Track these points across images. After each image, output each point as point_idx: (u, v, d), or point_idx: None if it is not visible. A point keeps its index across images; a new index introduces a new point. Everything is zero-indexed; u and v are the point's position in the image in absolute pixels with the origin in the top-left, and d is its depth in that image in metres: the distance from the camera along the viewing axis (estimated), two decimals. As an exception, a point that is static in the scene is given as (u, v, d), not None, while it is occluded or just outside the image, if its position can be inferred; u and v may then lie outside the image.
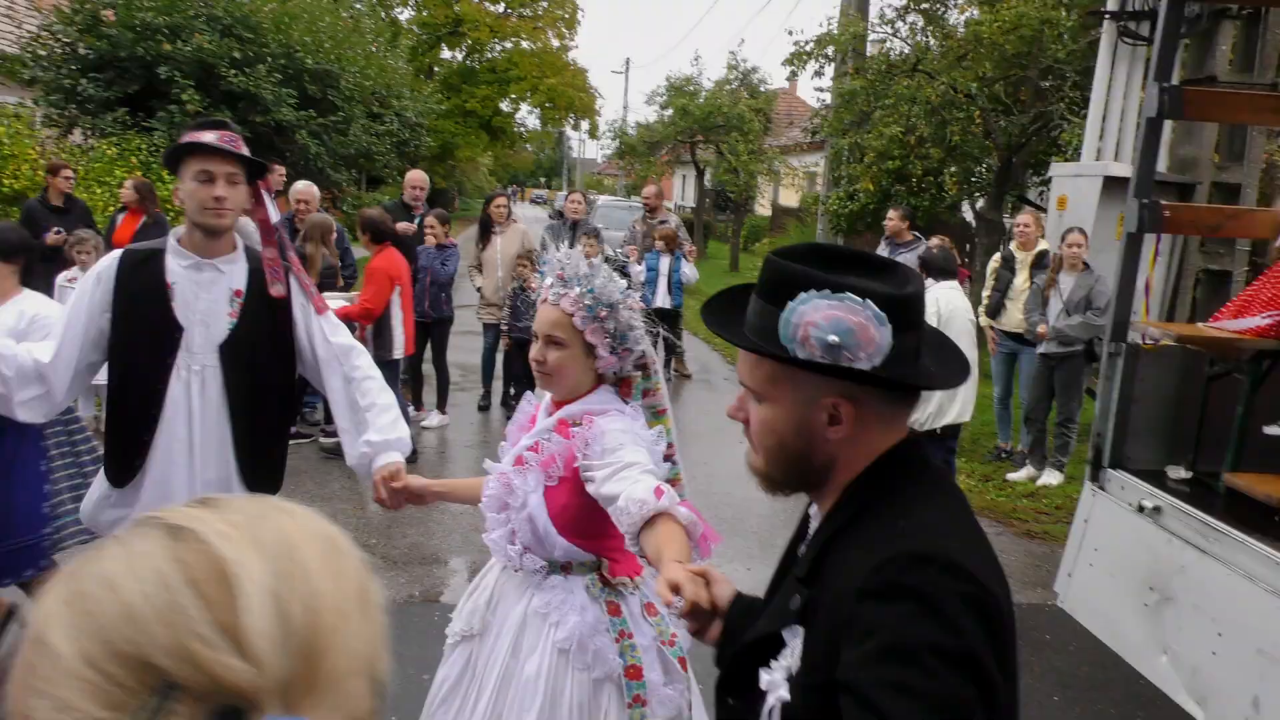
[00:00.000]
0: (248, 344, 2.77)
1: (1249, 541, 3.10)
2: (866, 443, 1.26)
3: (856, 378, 1.20)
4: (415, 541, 5.58)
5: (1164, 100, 3.62)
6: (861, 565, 1.13)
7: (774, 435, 1.28)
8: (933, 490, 1.26)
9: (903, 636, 1.04)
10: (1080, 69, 10.62)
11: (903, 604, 1.07)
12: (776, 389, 1.27)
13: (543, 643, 2.24)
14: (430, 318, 7.98)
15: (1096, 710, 4.14)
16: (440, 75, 35.19)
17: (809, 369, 1.21)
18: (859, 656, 1.06)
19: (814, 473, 1.29)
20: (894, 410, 1.28)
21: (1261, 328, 3.54)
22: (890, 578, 1.09)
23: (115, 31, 13.22)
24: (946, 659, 1.03)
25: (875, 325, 1.19)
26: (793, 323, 1.19)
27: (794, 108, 34.66)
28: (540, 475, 2.23)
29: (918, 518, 1.18)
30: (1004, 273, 7.65)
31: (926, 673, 1.02)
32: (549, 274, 2.26)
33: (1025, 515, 6.66)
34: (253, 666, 0.57)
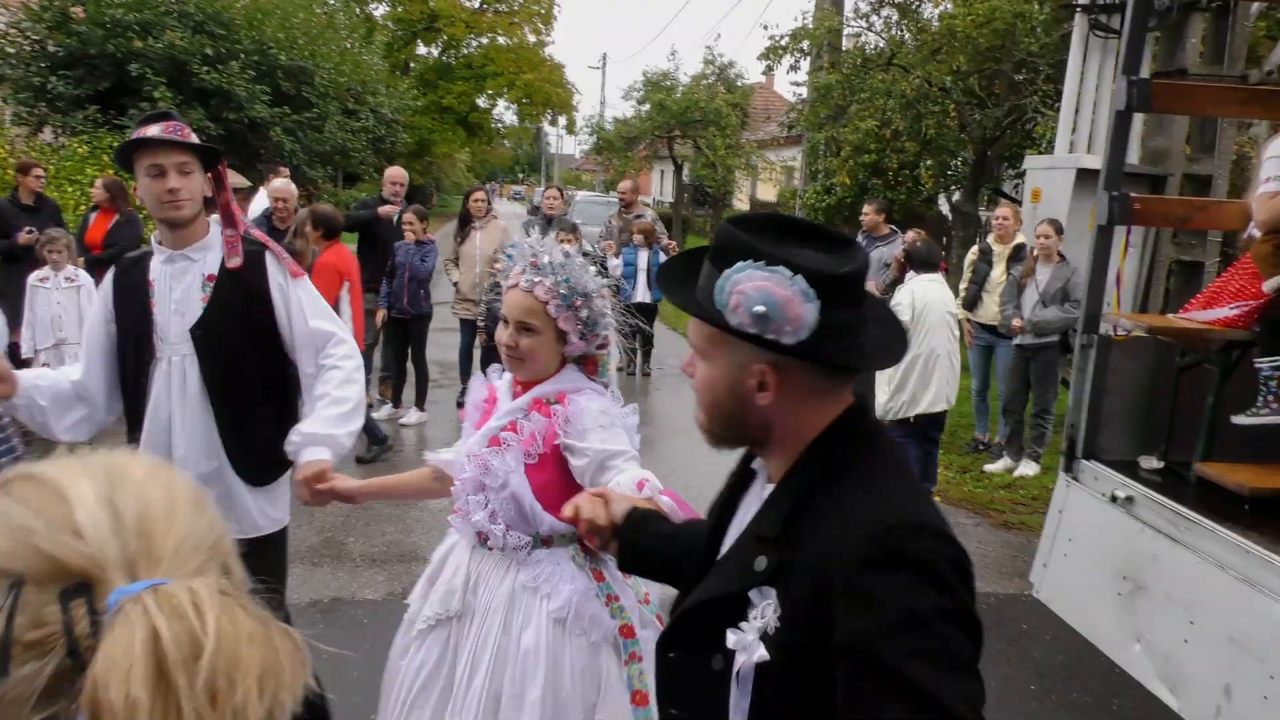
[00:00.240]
0: (220, 327, 2.75)
1: (1219, 530, 3.13)
2: (805, 410, 1.32)
3: (780, 350, 1.25)
4: (393, 539, 5.56)
5: (1133, 93, 3.65)
6: (848, 533, 1.19)
7: (710, 393, 1.36)
8: (890, 458, 1.33)
9: (912, 605, 1.13)
10: (1053, 62, 10.71)
11: (906, 573, 1.15)
12: (715, 350, 1.34)
13: (536, 616, 2.27)
14: (409, 314, 7.96)
15: (1072, 699, 4.18)
16: (416, 71, 35.01)
17: (737, 336, 1.27)
18: (874, 627, 1.13)
19: (750, 430, 1.35)
20: (826, 384, 1.32)
21: (1230, 318, 3.57)
22: (890, 547, 1.16)
23: (85, 28, 13.07)
24: (951, 619, 1.13)
25: (802, 301, 1.23)
26: (726, 289, 1.25)
27: (771, 102, 34.69)
28: (520, 454, 2.26)
29: (892, 486, 1.27)
30: (981, 265, 7.69)
31: (938, 636, 1.12)
32: (518, 259, 2.28)
33: (1002, 506, 6.71)
34: (89, 545, 0.66)
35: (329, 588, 4.88)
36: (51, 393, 2.69)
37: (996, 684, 4.26)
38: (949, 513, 6.53)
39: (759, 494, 1.43)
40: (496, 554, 2.35)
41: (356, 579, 5.02)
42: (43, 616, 0.65)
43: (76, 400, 2.75)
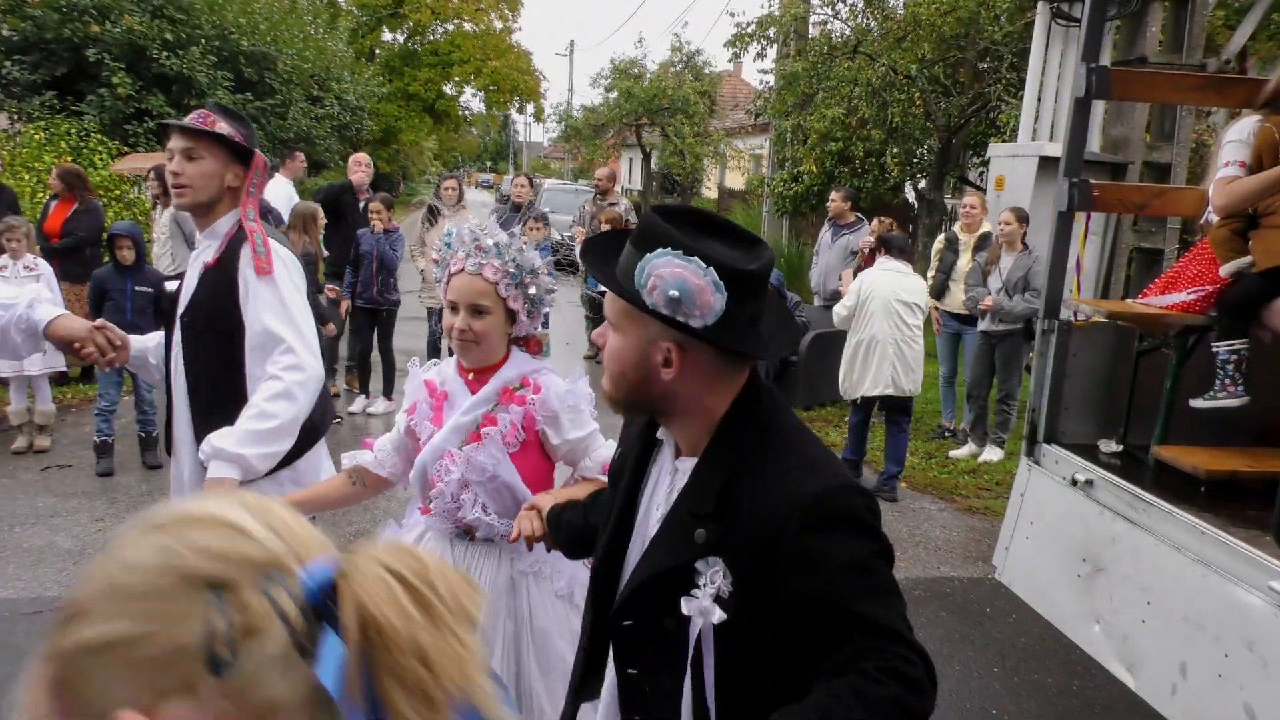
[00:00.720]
0: (199, 316, 2.76)
1: (1176, 512, 3.18)
2: (706, 387, 1.46)
3: (688, 331, 1.38)
4: (361, 528, 5.54)
5: (1091, 80, 3.68)
6: (784, 503, 1.36)
7: (618, 363, 1.48)
8: (794, 427, 1.49)
9: (855, 554, 1.34)
10: (1017, 50, 10.79)
11: (844, 530, 1.35)
12: (628, 324, 1.46)
13: (541, 596, 2.37)
14: (379, 304, 7.94)
15: (1034, 680, 4.24)
16: (381, 58, 34.63)
17: (651, 315, 1.39)
18: (825, 579, 1.31)
19: (653, 400, 1.49)
20: (725, 367, 1.46)
21: (1186, 303, 3.62)
22: (829, 511, 1.35)
23: (40, 12, 12.79)
24: (883, 558, 1.37)
25: (712, 291, 1.36)
26: (646, 272, 1.37)
27: (738, 90, 34.70)
28: (503, 445, 2.30)
29: (808, 455, 1.44)
30: (947, 254, 7.74)
31: (877, 575, 1.35)
32: (459, 246, 2.31)
33: (967, 491, 6.78)
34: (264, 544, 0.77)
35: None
36: (158, 348, 2.86)
37: (960, 666, 4.32)
38: (914, 498, 6.63)
39: (670, 463, 1.58)
40: (483, 545, 2.38)
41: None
42: (246, 604, 0.73)
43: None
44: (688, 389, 1.46)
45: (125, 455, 6.41)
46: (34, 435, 6.60)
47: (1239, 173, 3.46)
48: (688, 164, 23.87)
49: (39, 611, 4.34)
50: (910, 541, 5.87)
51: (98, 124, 12.64)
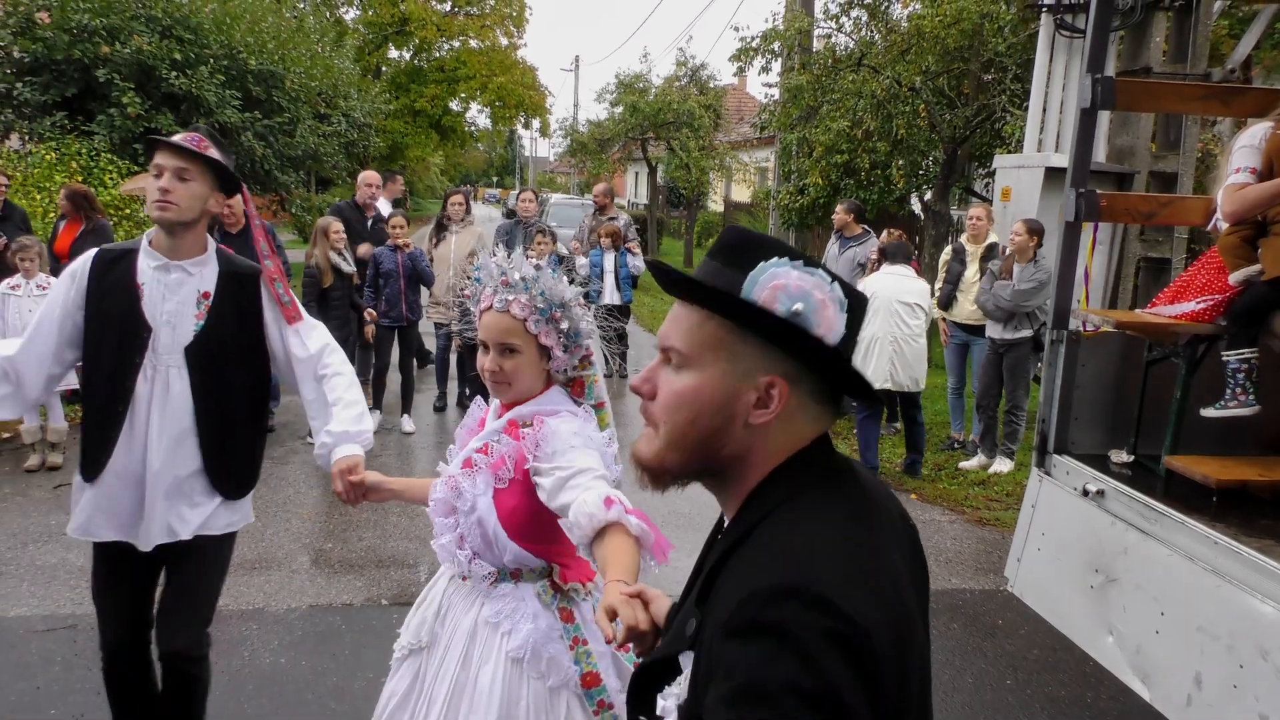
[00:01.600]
0: (215, 347, 2.79)
1: (1188, 522, 3.17)
2: (783, 438, 1.18)
3: (809, 355, 1.15)
4: (371, 545, 5.54)
5: (1097, 90, 3.70)
6: (730, 597, 1.07)
7: (689, 409, 1.18)
8: (836, 499, 1.17)
9: (761, 677, 0.97)
10: (1021, 61, 10.81)
11: (763, 642, 0.99)
12: (713, 355, 1.17)
13: (496, 653, 2.20)
14: (408, 321, 7.87)
15: (1047, 692, 4.23)
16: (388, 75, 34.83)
17: (768, 333, 1.15)
18: (717, 697, 1.00)
19: (718, 462, 1.20)
20: (822, 407, 1.20)
21: (1195, 312, 3.63)
22: (751, 614, 1.01)
23: (51, 34, 12.89)
24: (805, 699, 0.95)
25: (836, 308, 1.16)
26: (761, 282, 1.14)
27: (743, 103, 34.81)
28: (489, 477, 2.19)
29: (802, 540, 1.09)
30: (954, 265, 7.75)
31: (782, 714, 0.95)
32: (487, 281, 2.20)
33: (977, 503, 6.77)
34: None
35: (306, 594, 4.85)
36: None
37: (972, 679, 4.30)
38: (924, 509, 6.61)
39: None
40: (468, 585, 2.30)
41: (334, 585, 4.99)
42: None
43: (2, 377, 2.72)
44: (770, 442, 1.18)
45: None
46: (47, 453, 6.64)
47: (1249, 179, 3.46)
48: (693, 177, 23.91)
49: (52, 629, 4.36)
50: (921, 553, 5.85)
51: (108, 143, 12.72)
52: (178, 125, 13.43)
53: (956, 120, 11.89)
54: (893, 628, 1.04)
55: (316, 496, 6.33)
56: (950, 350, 7.91)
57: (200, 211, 2.74)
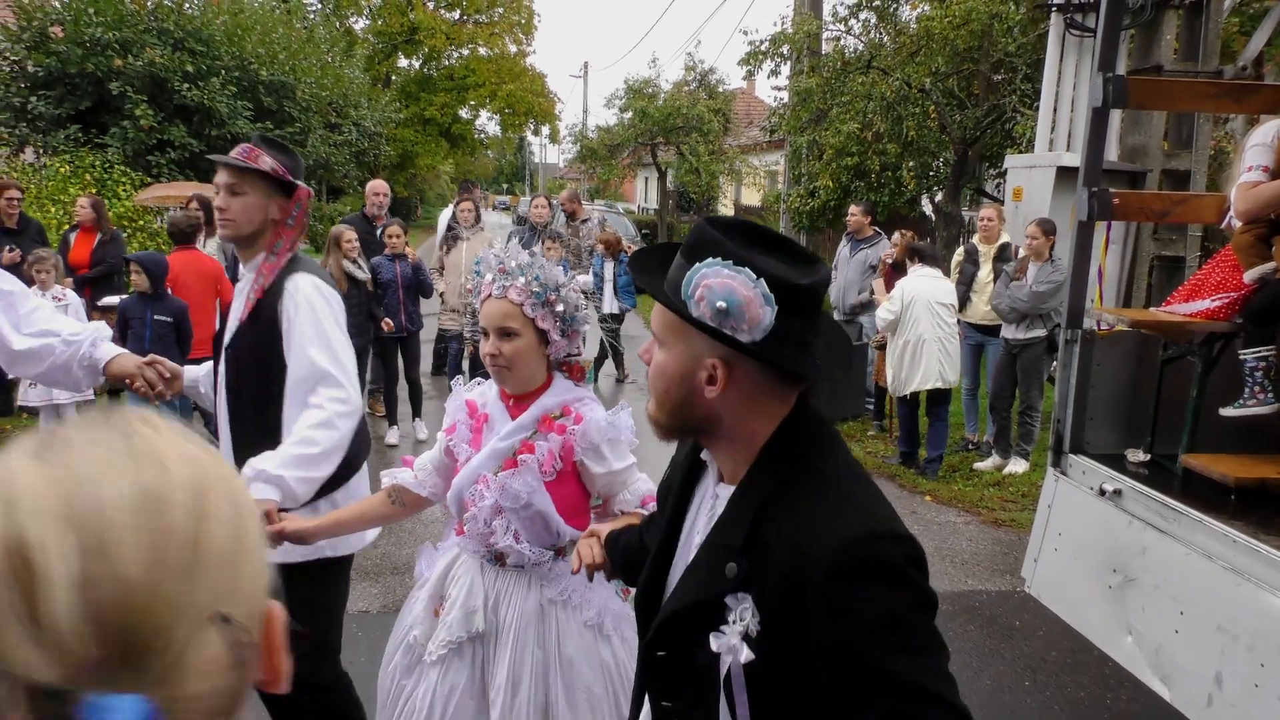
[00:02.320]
0: (243, 348, 2.79)
1: (1206, 520, 3.15)
2: (752, 409, 1.38)
3: (734, 346, 1.32)
4: (386, 552, 5.55)
5: (1108, 90, 3.68)
6: (816, 546, 1.27)
7: (663, 379, 1.41)
8: (842, 462, 1.40)
9: (887, 607, 1.24)
10: (1031, 61, 10.79)
11: (876, 580, 1.25)
12: (672, 338, 1.39)
13: (574, 625, 2.34)
14: (409, 331, 7.79)
15: (1066, 694, 4.20)
16: (397, 84, 34.99)
17: (696, 327, 1.33)
18: (856, 632, 1.23)
19: (696, 420, 1.41)
20: (773, 387, 1.38)
21: (1210, 310, 3.60)
22: (859, 558, 1.25)
23: (64, 48, 13.02)
24: (921, 611, 1.27)
25: (761, 304, 1.30)
26: (694, 281, 1.32)
27: (753, 107, 34.82)
28: (538, 473, 2.28)
29: (848, 492, 1.34)
30: (968, 266, 7.73)
31: (913, 629, 1.25)
32: (486, 271, 2.30)
33: (992, 504, 6.74)
34: (50, 654, 0.56)
35: (322, 602, 4.86)
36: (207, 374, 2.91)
37: (990, 681, 4.28)
38: (940, 511, 6.59)
39: (711, 489, 1.51)
40: (513, 571, 2.36)
41: (350, 592, 4.99)
42: None
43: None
44: (732, 410, 1.38)
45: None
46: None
47: (1262, 177, 3.44)
48: (703, 182, 23.93)
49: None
50: (937, 555, 5.83)
51: (121, 156, 12.82)
52: (190, 137, 13.54)
53: (967, 121, 11.86)
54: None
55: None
56: (964, 351, 7.87)
57: (260, 222, 2.74)
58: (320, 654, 2.93)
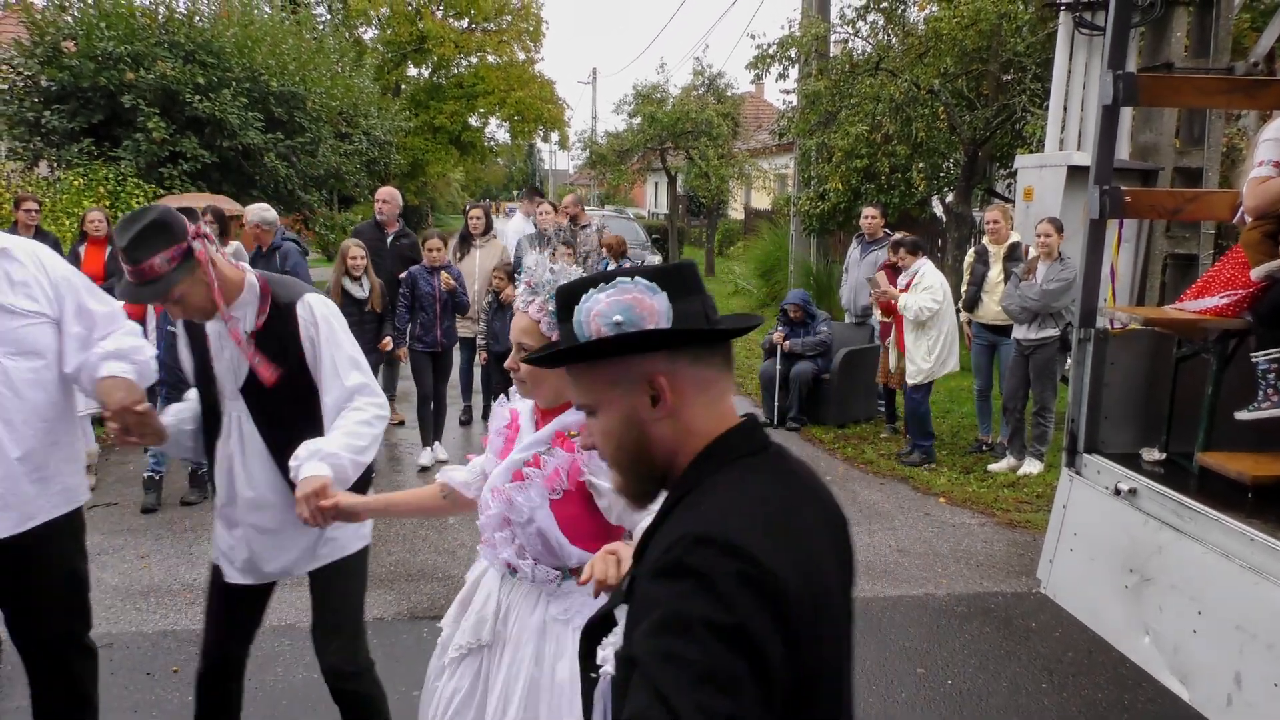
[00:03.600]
0: (266, 386, 2.74)
1: (1223, 519, 3.14)
2: (693, 419, 1.32)
3: (656, 343, 1.29)
4: (401, 559, 5.56)
5: (1118, 87, 3.67)
6: (660, 546, 1.21)
7: (612, 438, 1.35)
8: (757, 471, 1.30)
9: (678, 610, 1.10)
10: (1040, 61, 10.75)
11: (683, 581, 1.12)
12: (603, 390, 1.34)
13: (572, 647, 2.25)
14: (443, 346, 7.52)
15: (1083, 695, 4.18)
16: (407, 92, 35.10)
17: (613, 351, 1.30)
18: (643, 630, 1.12)
19: (658, 462, 1.34)
20: (709, 372, 1.34)
21: (1220, 307, 3.58)
22: (675, 557, 1.15)
23: (77, 62, 13.10)
24: (718, 632, 1.07)
25: (649, 295, 1.31)
26: (582, 323, 1.32)
27: (761, 111, 34.80)
28: (544, 490, 2.23)
29: (720, 500, 1.24)
30: (978, 266, 7.71)
31: (696, 643, 1.07)
32: (521, 282, 2.28)
33: (1007, 505, 6.71)
34: None
35: (337, 610, 4.87)
36: (194, 417, 2.88)
37: (1007, 683, 4.26)
38: (954, 513, 6.56)
39: None
40: (527, 584, 2.33)
41: (365, 599, 5.00)
42: None
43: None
44: (684, 423, 1.32)
45: (169, 492, 6.50)
46: (79, 475, 6.71)
47: (1273, 173, 3.43)
48: (713, 186, 23.89)
49: (89, 648, 4.41)
50: (951, 557, 5.81)
51: (134, 168, 12.89)
52: (202, 149, 13.62)
53: (976, 121, 11.83)
54: (805, 580, 1.17)
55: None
56: (976, 351, 7.86)
57: (207, 296, 2.63)
58: (362, 636, 3.06)
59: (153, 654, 4.40)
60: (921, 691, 4.18)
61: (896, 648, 4.57)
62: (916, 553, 5.88)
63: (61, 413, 2.86)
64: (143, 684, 4.13)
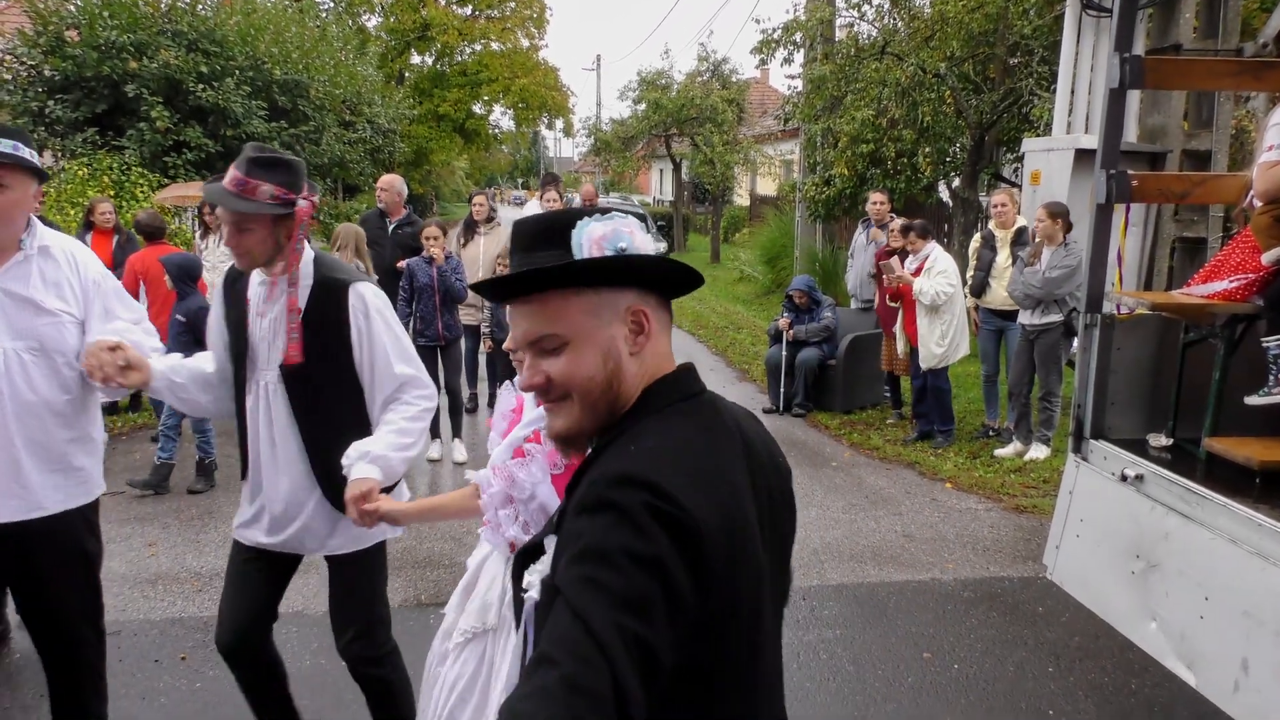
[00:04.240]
0: (306, 362, 2.74)
1: (1231, 504, 3.12)
2: (651, 358, 1.37)
3: (649, 274, 1.35)
4: (408, 546, 5.57)
5: (1125, 70, 3.64)
6: (587, 483, 1.25)
7: (585, 370, 1.34)
8: (688, 415, 1.35)
9: (599, 540, 1.15)
10: (1047, 44, 10.68)
11: (605, 515, 1.17)
12: (583, 320, 1.33)
13: None
14: (446, 340, 7.27)
15: (1089, 680, 4.17)
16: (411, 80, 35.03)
17: (611, 275, 1.32)
18: (567, 558, 1.17)
19: (621, 403, 1.36)
20: (665, 316, 1.40)
21: (1228, 291, 3.56)
22: (597, 493, 1.20)
23: (80, 51, 13.10)
24: (636, 560, 1.13)
25: (640, 231, 1.36)
26: (584, 244, 1.32)
27: (767, 97, 34.68)
28: (546, 465, 2.23)
29: (647, 442, 1.28)
30: (985, 252, 7.69)
31: (615, 570, 1.12)
32: None
33: (1014, 490, 6.70)
34: None
35: (344, 598, 4.89)
36: (189, 373, 2.85)
37: (1013, 668, 4.26)
38: (961, 498, 6.56)
39: None
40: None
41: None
42: None
43: (218, 382, 2.91)
44: (645, 362, 1.36)
45: (176, 480, 6.52)
46: (87, 464, 6.74)
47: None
48: (718, 172, 23.86)
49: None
50: (958, 543, 5.80)
51: (138, 158, 12.90)
52: (206, 138, 13.61)
53: (983, 105, 11.76)
54: (723, 522, 1.23)
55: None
56: (984, 337, 7.84)
57: (274, 247, 2.68)
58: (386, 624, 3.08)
59: (160, 642, 4.42)
60: (928, 676, 4.18)
61: (902, 633, 4.57)
62: (923, 538, 5.88)
63: (80, 408, 2.88)
64: (150, 671, 4.15)
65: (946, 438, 7.79)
